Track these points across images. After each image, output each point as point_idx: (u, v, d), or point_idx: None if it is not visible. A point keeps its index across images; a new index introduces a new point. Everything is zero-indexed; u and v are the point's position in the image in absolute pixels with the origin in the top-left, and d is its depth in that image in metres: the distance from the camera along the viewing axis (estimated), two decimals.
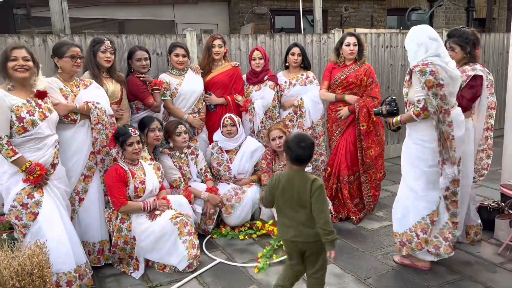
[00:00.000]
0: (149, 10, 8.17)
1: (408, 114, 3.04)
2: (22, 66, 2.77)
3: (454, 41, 3.33)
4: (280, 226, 2.49)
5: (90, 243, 3.32)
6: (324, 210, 2.30)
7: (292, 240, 2.42)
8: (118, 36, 4.44)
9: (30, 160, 2.76)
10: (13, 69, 2.76)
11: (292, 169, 2.42)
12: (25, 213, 2.78)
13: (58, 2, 4.50)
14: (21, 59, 2.76)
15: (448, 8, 10.61)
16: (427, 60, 2.91)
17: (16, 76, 2.78)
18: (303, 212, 2.36)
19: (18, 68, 2.76)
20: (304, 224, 2.37)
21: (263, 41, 5.28)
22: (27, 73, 2.80)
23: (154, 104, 3.82)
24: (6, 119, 2.71)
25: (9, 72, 2.77)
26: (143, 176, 3.31)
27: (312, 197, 2.31)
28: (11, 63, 2.76)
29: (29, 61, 2.81)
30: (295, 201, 2.38)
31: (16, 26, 7.46)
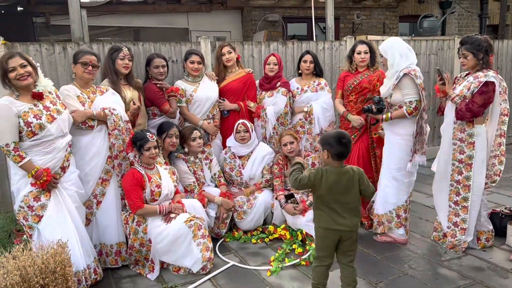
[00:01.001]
0: (164, 18, 8.32)
1: (400, 112, 3.59)
2: (22, 74, 2.83)
3: (466, 48, 3.40)
4: (324, 216, 2.63)
5: (107, 245, 3.41)
6: (372, 188, 2.69)
7: (336, 229, 2.60)
8: (135, 43, 4.56)
9: (37, 166, 2.85)
10: (15, 79, 2.83)
11: (333, 165, 2.62)
12: (30, 215, 2.89)
13: (78, 11, 4.65)
14: (19, 68, 2.82)
15: (461, 15, 10.59)
16: (411, 67, 3.54)
17: (20, 84, 2.85)
18: (351, 201, 2.61)
19: (20, 77, 2.83)
20: (352, 213, 2.61)
21: (275, 48, 5.36)
22: (30, 79, 2.87)
23: (170, 110, 3.92)
24: (13, 125, 2.79)
25: (13, 83, 2.85)
26: (159, 180, 3.40)
27: (363, 181, 2.62)
28: (11, 74, 2.82)
29: (27, 66, 2.87)
30: (344, 194, 2.60)
31: (36, 34, 7.67)
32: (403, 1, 10.05)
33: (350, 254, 2.71)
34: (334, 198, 2.60)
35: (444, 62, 6.67)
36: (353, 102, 4.21)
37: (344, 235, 2.62)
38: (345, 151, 2.59)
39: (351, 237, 2.64)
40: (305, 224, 3.71)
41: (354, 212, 2.62)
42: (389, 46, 3.61)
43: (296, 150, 4.04)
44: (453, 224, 3.58)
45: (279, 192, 3.95)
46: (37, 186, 2.88)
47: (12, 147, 2.80)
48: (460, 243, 3.53)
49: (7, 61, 2.83)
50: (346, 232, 2.61)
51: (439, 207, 3.72)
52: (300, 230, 3.77)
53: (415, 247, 3.69)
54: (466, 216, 3.51)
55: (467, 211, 3.50)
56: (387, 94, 3.71)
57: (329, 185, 2.58)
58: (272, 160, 4.19)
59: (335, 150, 2.56)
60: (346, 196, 2.60)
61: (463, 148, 3.46)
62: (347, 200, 2.60)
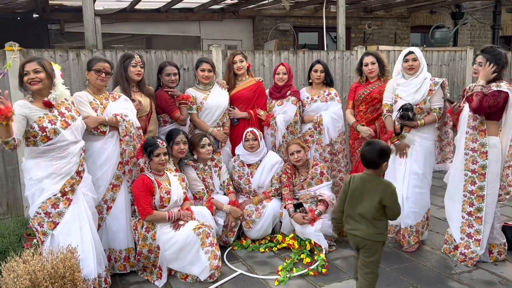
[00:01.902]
0: (176, 26, 8.41)
1: (432, 118, 3.71)
2: (33, 79, 2.89)
3: (486, 56, 3.40)
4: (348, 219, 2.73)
5: (116, 250, 3.43)
6: (398, 211, 2.66)
7: (352, 234, 2.71)
8: (147, 51, 4.62)
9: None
10: (27, 83, 2.90)
11: (366, 172, 2.71)
12: (46, 221, 2.90)
13: (92, 19, 4.72)
14: (32, 73, 2.89)
15: (473, 26, 10.54)
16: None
17: (30, 88, 2.91)
18: (365, 211, 2.63)
19: (31, 82, 2.89)
20: (367, 222, 2.63)
21: (286, 57, 5.38)
22: (39, 85, 2.91)
23: (181, 117, 3.94)
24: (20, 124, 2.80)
25: (26, 86, 2.92)
26: (168, 186, 3.42)
27: (388, 200, 2.59)
28: (25, 77, 2.90)
29: (41, 73, 2.91)
30: (359, 201, 2.65)
31: (50, 41, 7.80)
32: (415, 12, 10.03)
33: (362, 264, 2.71)
34: (351, 204, 2.68)
35: (456, 73, 6.63)
36: (362, 112, 4.20)
37: (360, 242, 2.68)
38: (368, 160, 2.65)
39: (365, 245, 2.66)
40: (314, 233, 3.69)
41: (369, 221, 2.63)
42: (420, 53, 3.77)
43: (304, 159, 4.03)
44: (467, 235, 3.53)
45: (287, 201, 3.94)
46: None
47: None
48: (474, 255, 3.47)
49: (24, 65, 2.91)
50: (359, 239, 2.67)
51: (451, 218, 3.68)
52: (309, 239, 3.75)
53: (425, 259, 3.65)
54: (480, 227, 3.46)
55: (481, 222, 3.45)
56: (420, 99, 3.70)
57: (351, 190, 2.69)
58: (281, 169, 4.18)
59: (362, 157, 2.70)
60: (360, 204, 2.64)
61: (475, 158, 3.43)
62: (360, 208, 2.64)
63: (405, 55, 3.77)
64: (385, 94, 3.91)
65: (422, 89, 3.70)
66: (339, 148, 4.41)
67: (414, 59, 3.72)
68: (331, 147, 4.37)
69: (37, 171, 2.92)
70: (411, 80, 3.75)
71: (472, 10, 10.42)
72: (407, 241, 3.79)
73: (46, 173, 2.92)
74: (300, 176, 4.09)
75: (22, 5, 6.51)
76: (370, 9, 9.32)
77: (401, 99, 3.76)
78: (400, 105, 3.71)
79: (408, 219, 3.77)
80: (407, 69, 3.76)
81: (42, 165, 2.93)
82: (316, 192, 3.98)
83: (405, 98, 3.73)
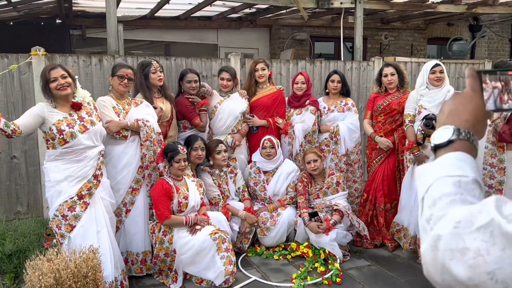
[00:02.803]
0: (195, 33, 8.53)
1: None
2: (62, 85, 2.98)
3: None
4: None
5: (134, 253, 3.49)
6: None
7: None
8: (167, 58, 4.71)
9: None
10: (56, 89, 2.98)
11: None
12: (64, 224, 2.98)
13: (115, 26, 4.84)
14: (60, 78, 2.97)
15: (491, 39, 10.47)
16: None
17: (60, 94, 3.00)
18: None
19: (60, 87, 2.98)
20: None
21: (303, 66, 5.43)
22: (69, 89, 3.01)
23: (200, 124, 4.01)
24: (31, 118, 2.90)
25: (54, 92, 2.99)
26: (186, 191, 3.47)
27: None
28: (52, 84, 2.97)
29: (67, 77, 3.02)
30: None
31: (72, 46, 7.98)
32: (432, 24, 10.02)
33: None
34: None
35: None
36: (381, 123, 4.22)
37: None
38: None
39: None
40: (329, 243, 3.71)
41: None
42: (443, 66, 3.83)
43: (320, 168, 4.06)
44: None
45: (303, 209, 3.96)
46: None
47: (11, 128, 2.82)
48: None
49: (49, 71, 2.98)
50: None
51: None
52: (323, 248, 3.76)
53: None
54: None
55: None
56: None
57: None
58: (297, 177, 4.21)
59: None
60: None
61: (493, 174, 3.42)
62: None
63: (432, 67, 3.80)
64: (407, 105, 3.93)
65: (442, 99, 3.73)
66: (355, 159, 4.43)
67: (441, 71, 3.79)
68: (347, 157, 4.39)
69: (55, 174, 3.01)
70: (436, 92, 3.78)
71: (490, 23, 10.36)
72: None
73: (63, 176, 3.00)
74: (316, 185, 4.12)
75: (47, 11, 6.69)
76: (387, 20, 9.34)
77: (425, 109, 3.78)
78: (424, 115, 3.72)
79: None
80: (434, 81, 3.79)
81: (60, 167, 3.01)
82: (331, 201, 4.00)
83: (429, 109, 3.75)
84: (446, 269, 0.66)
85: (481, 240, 0.63)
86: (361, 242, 4.19)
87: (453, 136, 0.82)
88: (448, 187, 0.74)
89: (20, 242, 3.64)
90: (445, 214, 0.69)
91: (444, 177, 0.76)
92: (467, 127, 0.83)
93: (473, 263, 0.63)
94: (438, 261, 0.68)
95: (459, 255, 0.65)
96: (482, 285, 0.63)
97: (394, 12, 8.49)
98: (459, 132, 0.82)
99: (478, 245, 0.63)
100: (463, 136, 0.82)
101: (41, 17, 7.55)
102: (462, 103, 0.86)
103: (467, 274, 0.63)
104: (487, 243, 0.63)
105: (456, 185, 0.74)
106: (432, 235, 0.69)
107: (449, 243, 0.66)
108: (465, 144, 0.81)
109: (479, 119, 0.85)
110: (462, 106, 0.86)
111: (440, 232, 0.68)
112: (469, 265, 0.63)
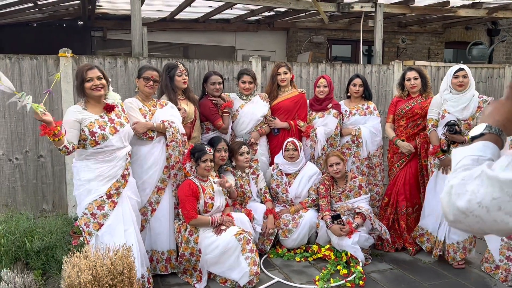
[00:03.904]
0: (213, 36, 8.61)
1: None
2: (97, 85, 3.04)
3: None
4: None
5: (159, 252, 3.54)
6: None
7: None
8: (190, 61, 4.77)
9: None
10: (90, 89, 3.04)
11: None
12: (92, 222, 3.04)
13: (139, 28, 4.92)
14: (95, 79, 3.04)
15: (509, 43, 10.37)
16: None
17: (94, 95, 3.06)
18: None
19: (95, 88, 3.04)
20: None
21: (323, 69, 5.45)
22: (102, 91, 3.08)
23: (223, 126, 4.06)
24: (73, 128, 2.97)
25: (87, 92, 3.06)
26: (212, 192, 3.52)
27: None
28: (88, 83, 3.03)
29: (102, 79, 3.08)
30: None
31: (93, 47, 8.11)
32: (449, 28, 9.96)
33: None
34: None
35: (493, 91, 6.55)
36: (403, 127, 4.22)
37: None
38: None
39: None
40: (351, 246, 3.72)
41: None
42: (469, 70, 3.80)
43: (343, 171, 4.08)
44: (506, 258, 3.50)
45: (325, 212, 3.98)
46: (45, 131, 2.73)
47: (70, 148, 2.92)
48: None
49: (86, 71, 3.05)
50: None
51: (489, 239, 3.64)
52: (345, 251, 3.78)
53: (464, 277, 3.62)
54: None
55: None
56: (469, 116, 3.76)
57: None
58: (319, 180, 4.24)
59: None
60: None
61: None
62: None
63: (455, 71, 3.79)
64: (430, 109, 3.93)
65: (471, 105, 3.74)
66: (376, 162, 4.43)
67: (464, 76, 3.76)
68: (369, 160, 4.40)
69: (85, 173, 3.08)
70: (460, 96, 3.77)
71: (509, 27, 10.27)
72: (452, 257, 3.77)
73: (93, 175, 3.06)
74: (338, 188, 4.14)
75: (70, 13, 6.82)
76: (404, 23, 9.31)
77: (449, 114, 3.78)
78: (447, 120, 3.73)
79: (455, 234, 3.76)
80: (456, 86, 3.77)
81: (91, 167, 3.08)
82: (353, 204, 4.02)
83: (453, 113, 3.76)
84: (455, 206, 1.01)
85: (476, 184, 0.99)
86: (382, 246, 4.19)
87: (484, 130, 1.12)
88: (468, 161, 1.07)
89: (48, 240, 3.72)
90: (457, 175, 1.05)
91: (468, 156, 1.08)
92: (497, 125, 1.12)
93: (469, 198, 0.99)
94: (451, 202, 1.02)
95: (462, 195, 1.00)
96: (475, 212, 0.98)
97: (412, 16, 8.47)
98: (490, 128, 1.12)
99: (473, 188, 0.99)
100: (492, 131, 1.11)
101: (64, 18, 7.68)
102: (497, 107, 1.16)
103: (466, 205, 0.99)
104: (478, 186, 0.98)
105: (474, 160, 1.07)
106: (448, 185, 1.05)
107: (457, 189, 1.02)
108: (493, 137, 1.11)
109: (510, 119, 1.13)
110: (496, 110, 1.16)
111: (452, 183, 1.04)
112: (467, 200, 0.99)
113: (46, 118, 2.71)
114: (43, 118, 2.70)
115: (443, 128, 3.69)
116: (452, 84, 3.80)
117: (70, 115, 3.03)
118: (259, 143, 4.35)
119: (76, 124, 3.01)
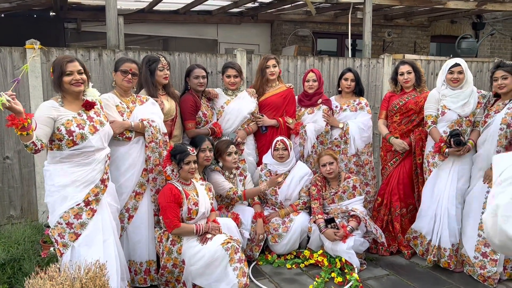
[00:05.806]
0: (194, 28, 8.26)
1: (478, 133, 3.54)
2: (77, 80, 2.72)
3: (507, 70, 3.38)
4: None
5: (137, 263, 3.24)
6: None
7: None
8: (171, 53, 4.44)
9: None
10: (69, 83, 2.71)
11: None
12: (68, 232, 2.71)
13: (115, 18, 4.56)
14: (76, 73, 2.71)
15: (493, 37, 10.33)
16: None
17: (73, 90, 2.73)
18: None
19: (75, 83, 2.71)
20: None
21: (311, 63, 5.19)
22: (82, 86, 2.76)
23: (190, 130, 3.76)
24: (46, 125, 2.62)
25: (65, 87, 2.72)
26: (196, 197, 3.22)
27: None
28: (67, 77, 2.70)
29: (83, 74, 2.76)
30: None
31: (66, 40, 7.66)
32: (435, 21, 9.84)
33: None
34: None
35: (483, 85, 6.41)
36: (396, 123, 4.00)
37: None
38: None
39: None
40: (346, 251, 3.48)
41: None
42: (466, 65, 3.62)
43: (336, 171, 3.83)
44: (482, 255, 3.41)
45: (318, 215, 3.72)
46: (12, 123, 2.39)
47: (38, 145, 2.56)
48: (491, 273, 3.35)
49: (66, 64, 2.70)
50: None
51: (465, 235, 3.58)
52: (339, 257, 3.54)
53: (464, 283, 3.43)
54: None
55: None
56: (470, 112, 3.58)
57: None
58: (311, 181, 3.97)
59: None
60: None
61: None
62: None
63: (450, 67, 3.57)
64: (428, 105, 3.72)
65: (471, 101, 3.56)
66: (365, 160, 4.19)
67: (460, 72, 3.56)
68: (357, 158, 4.16)
69: (60, 178, 2.73)
70: (460, 92, 3.58)
71: (493, 21, 10.21)
72: (446, 262, 3.61)
73: (69, 180, 2.72)
74: (331, 189, 3.89)
75: (40, 2, 6.37)
76: (390, 16, 9.14)
77: (450, 110, 3.59)
78: (449, 116, 3.58)
79: (453, 237, 3.62)
80: (451, 81, 3.58)
81: (66, 171, 2.73)
82: (347, 206, 3.78)
83: (454, 110, 3.58)
84: (502, 231, 0.92)
85: None
86: (377, 249, 3.98)
87: None
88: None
89: (14, 251, 3.37)
90: (505, 191, 0.93)
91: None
92: None
93: None
94: (497, 225, 0.93)
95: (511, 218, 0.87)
96: None
97: (398, 9, 8.30)
98: None
99: None
100: None
101: (34, 9, 7.21)
102: None
103: None
104: None
105: None
106: (493, 205, 0.95)
107: (505, 210, 0.91)
108: None
109: None
110: None
111: (499, 202, 0.93)
112: None
113: (15, 107, 2.34)
114: (13, 106, 2.33)
115: (448, 138, 3.51)
116: (446, 79, 3.62)
117: (44, 111, 2.66)
118: (245, 142, 4.06)
119: (49, 121, 2.64)
